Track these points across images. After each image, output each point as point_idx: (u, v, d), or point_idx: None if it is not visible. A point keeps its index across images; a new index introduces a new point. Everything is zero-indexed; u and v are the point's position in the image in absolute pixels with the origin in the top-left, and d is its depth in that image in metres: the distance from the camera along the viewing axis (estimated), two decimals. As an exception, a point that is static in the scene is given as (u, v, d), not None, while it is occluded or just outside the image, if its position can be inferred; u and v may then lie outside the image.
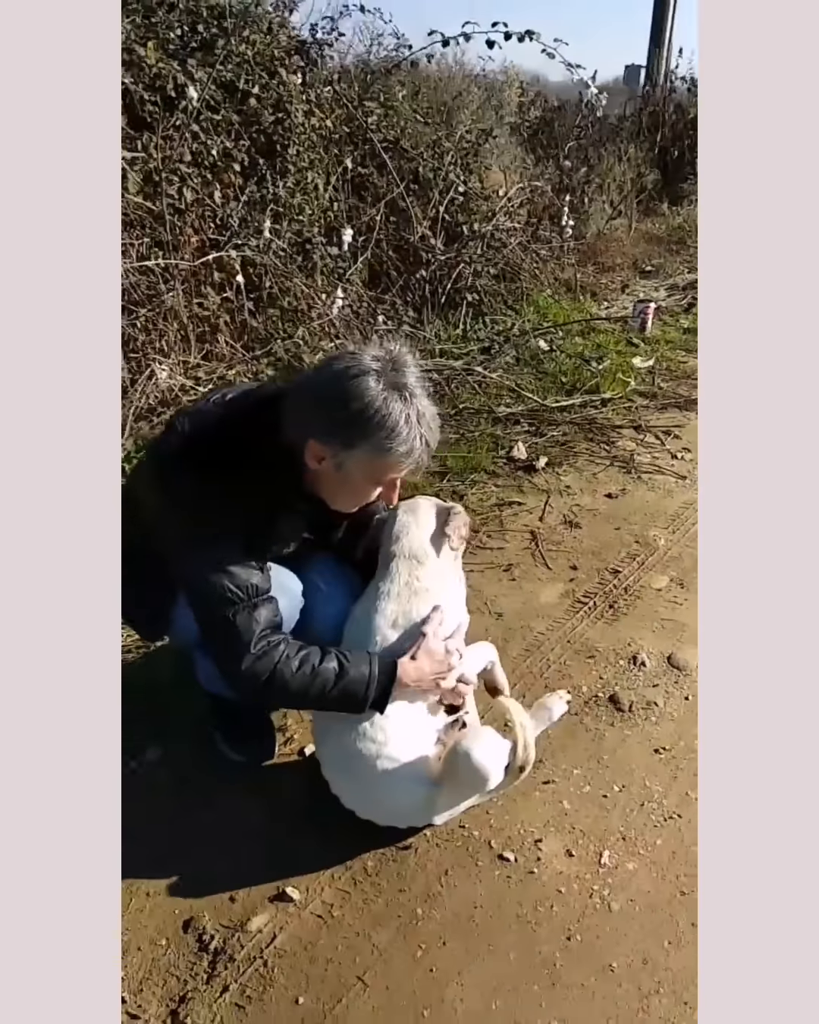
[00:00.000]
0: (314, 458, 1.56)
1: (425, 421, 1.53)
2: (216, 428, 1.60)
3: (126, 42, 3.72)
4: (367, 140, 4.65)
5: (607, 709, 2.19)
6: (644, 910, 1.65)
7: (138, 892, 1.69)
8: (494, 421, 3.88)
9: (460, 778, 1.68)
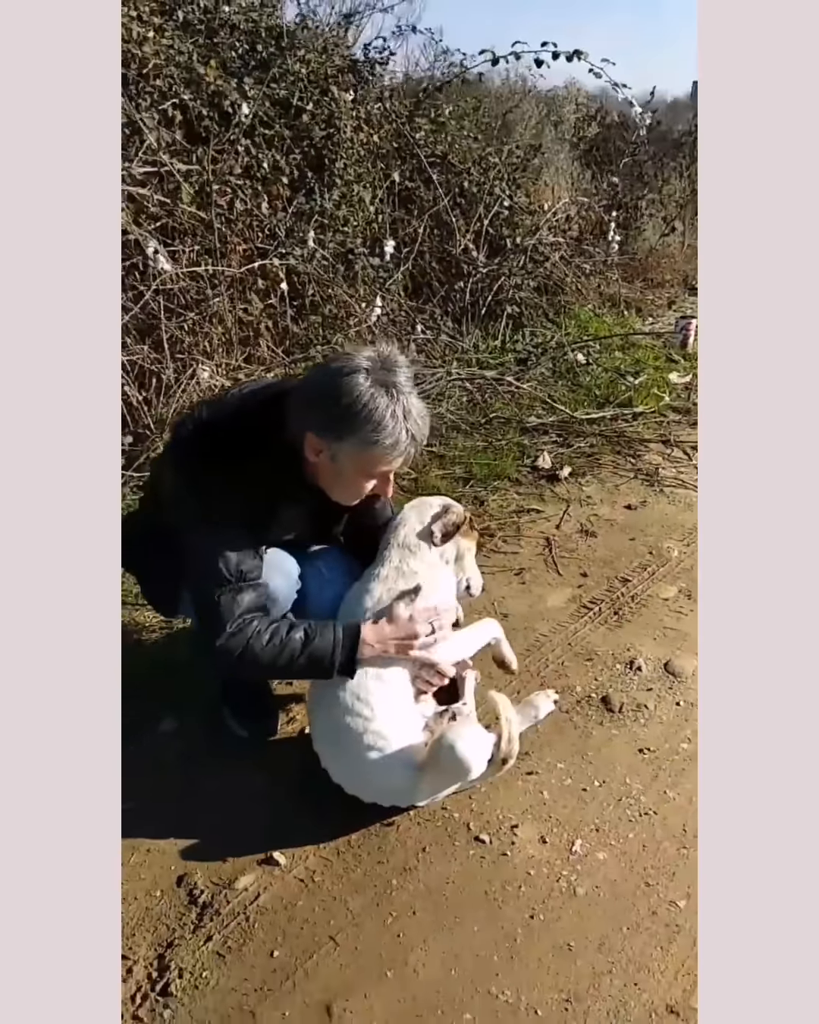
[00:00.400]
0: (312, 451, 1.69)
1: (411, 417, 1.64)
2: (230, 418, 1.75)
3: (188, 61, 3.92)
4: (414, 155, 4.79)
5: (598, 709, 2.28)
6: (608, 897, 1.74)
7: (139, 848, 1.83)
8: (523, 431, 3.99)
9: (442, 767, 1.79)
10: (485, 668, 2.14)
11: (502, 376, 4.31)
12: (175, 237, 3.78)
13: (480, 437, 3.90)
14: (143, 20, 3.84)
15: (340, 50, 4.70)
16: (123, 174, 3.47)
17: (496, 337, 5.00)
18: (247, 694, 2.17)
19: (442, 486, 3.42)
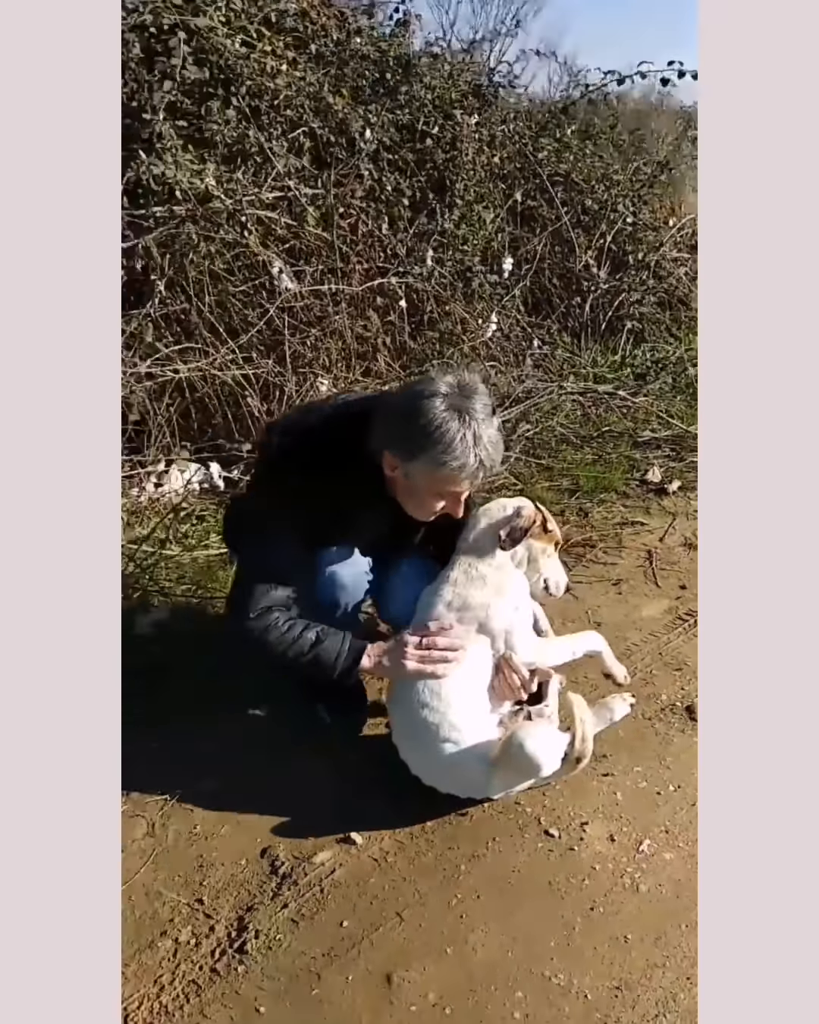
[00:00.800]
0: (389, 466, 1.83)
1: (482, 442, 1.74)
2: (320, 427, 1.92)
3: (318, 92, 4.15)
4: (537, 175, 4.89)
5: (681, 717, 2.30)
6: (669, 895, 1.77)
7: (229, 820, 1.99)
8: (635, 445, 4.00)
9: (512, 763, 1.87)
10: (573, 674, 2.20)
11: (615, 391, 4.32)
12: (301, 257, 4.00)
13: (591, 450, 3.95)
14: (277, 54, 4.09)
15: (465, 75, 4.84)
16: (253, 198, 3.72)
17: (616, 352, 5.01)
18: (338, 688, 2.29)
19: (548, 497, 3.49)
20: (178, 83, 3.51)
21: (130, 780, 2.04)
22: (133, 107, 3.48)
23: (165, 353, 3.38)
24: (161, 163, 3.29)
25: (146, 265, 3.40)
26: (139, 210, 3.40)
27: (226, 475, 3.23)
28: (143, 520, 2.97)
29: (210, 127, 3.63)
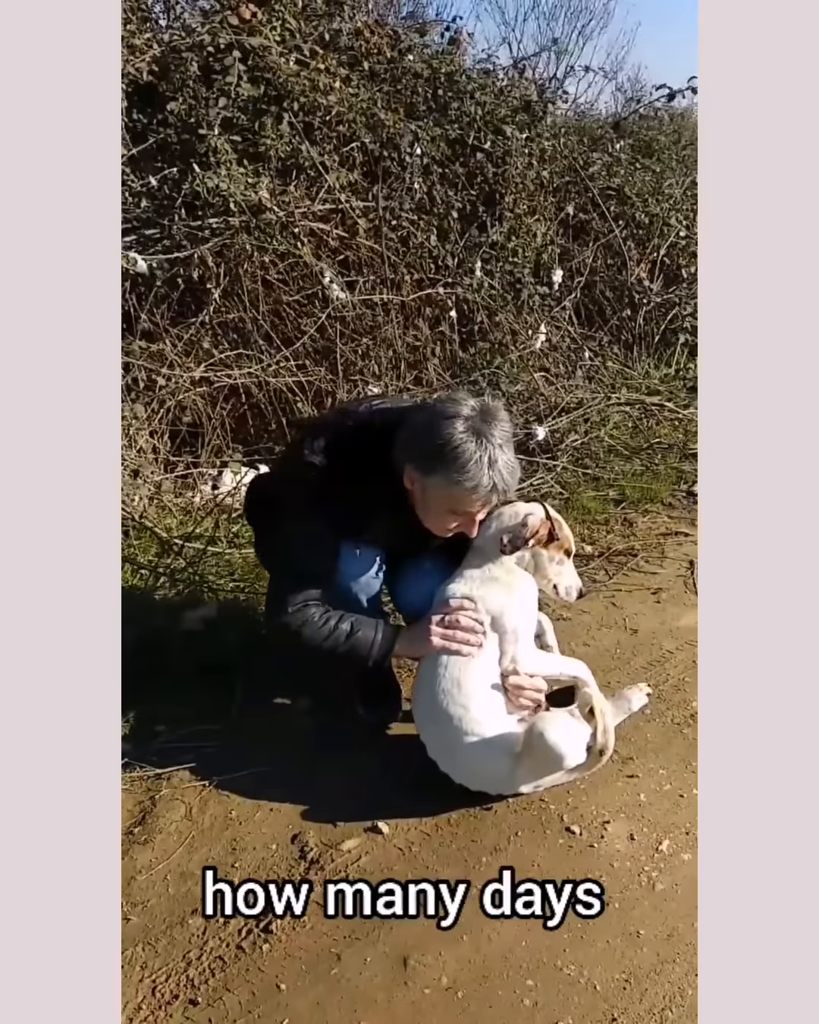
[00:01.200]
0: (409, 480, 1.93)
1: (497, 466, 1.83)
2: (354, 433, 2.02)
3: (371, 108, 4.28)
4: (588, 188, 4.95)
5: (710, 723, 2.33)
6: (685, 894, 1.81)
7: (263, 806, 2.08)
8: (684, 457, 4.03)
9: (535, 754, 1.93)
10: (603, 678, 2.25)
11: (663, 403, 4.35)
12: (352, 268, 4.12)
13: (640, 462, 3.98)
14: (330, 72, 4.22)
15: (516, 91, 4.94)
16: (305, 210, 3.85)
17: (670, 364, 5.04)
18: (376, 682, 2.38)
19: (593, 507, 3.54)
20: (233, 100, 3.65)
21: (173, 766, 2.17)
22: (190, 123, 3.64)
23: (220, 359, 3.51)
24: (216, 176, 3.43)
25: (203, 275, 3.54)
26: (195, 222, 3.55)
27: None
28: (195, 520, 3.09)
29: (264, 142, 3.77)
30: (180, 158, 3.60)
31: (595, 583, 3.01)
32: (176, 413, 3.33)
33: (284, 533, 2.03)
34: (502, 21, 12.98)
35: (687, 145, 6.27)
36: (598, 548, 3.25)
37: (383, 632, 2.03)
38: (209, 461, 3.34)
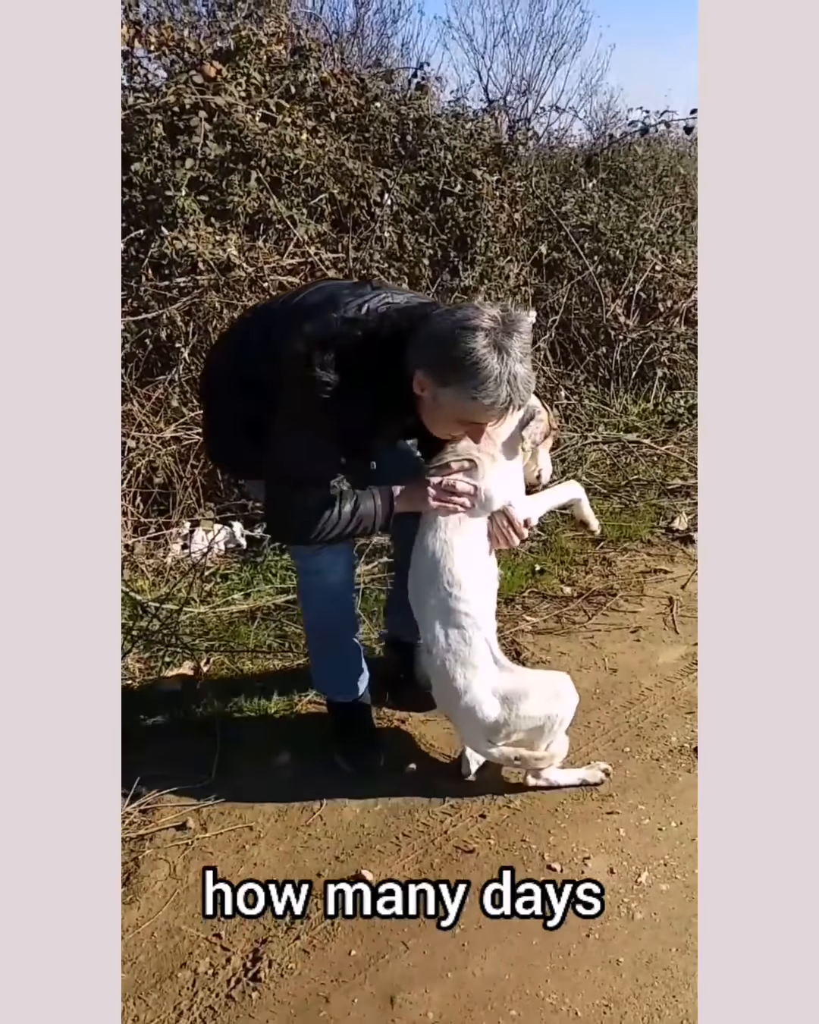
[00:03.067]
0: (418, 386, 2.01)
1: (515, 382, 1.91)
2: (363, 341, 2.06)
3: (339, 158, 4.54)
4: (560, 227, 5.22)
5: (689, 758, 2.49)
6: (663, 922, 1.97)
7: (248, 861, 2.22)
8: (663, 493, 4.23)
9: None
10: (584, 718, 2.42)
11: (640, 440, 4.57)
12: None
13: (618, 499, 4.18)
14: (297, 125, 4.49)
15: (486, 134, 5.23)
16: (274, 265, 4.08)
17: (648, 399, 5.26)
18: (355, 735, 2.54)
19: (572, 547, 3.73)
20: (199, 160, 3.90)
21: (155, 827, 2.32)
22: (157, 184, 3.88)
23: (190, 417, 3.71)
24: (183, 237, 3.66)
25: (171, 333, 3.75)
26: (163, 281, 3.77)
27: (249, 534, 3.53)
28: (168, 580, 3.26)
29: (232, 199, 4.01)
30: (146, 219, 3.83)
31: (574, 624, 3.19)
32: (146, 474, 3.50)
33: (279, 441, 2.11)
34: (470, 48, 13.44)
35: (663, 173, 6.55)
36: (577, 589, 3.43)
37: (382, 496, 2.19)
38: (180, 521, 3.51)
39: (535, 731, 2.25)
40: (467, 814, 2.31)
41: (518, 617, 3.23)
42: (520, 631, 3.15)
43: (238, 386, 2.26)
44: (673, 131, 6.85)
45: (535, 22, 13.44)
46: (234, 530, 3.50)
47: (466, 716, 2.26)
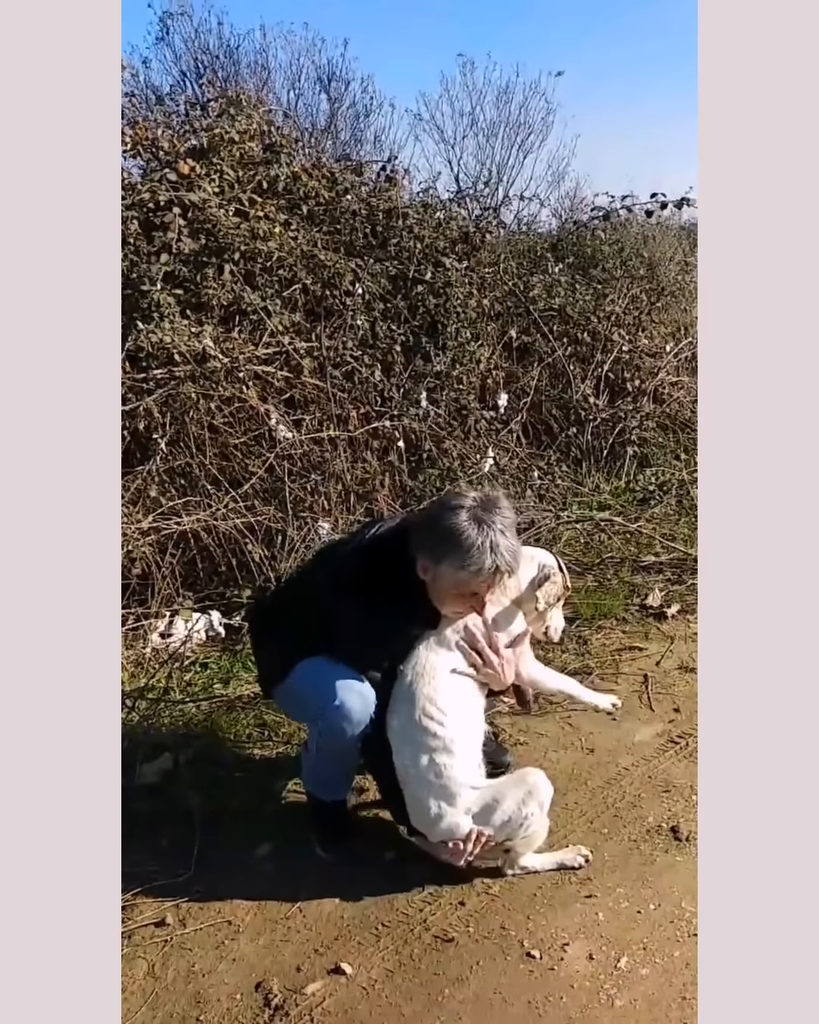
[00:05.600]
0: (422, 570, 2.23)
1: (498, 549, 2.14)
2: (369, 549, 2.34)
3: (311, 249, 4.71)
4: (529, 312, 5.41)
5: (666, 838, 2.52)
6: (643, 1007, 1.98)
7: (226, 957, 2.22)
8: (637, 569, 4.31)
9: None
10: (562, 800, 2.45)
11: (611, 518, 4.67)
12: (298, 406, 4.47)
13: (593, 577, 4.26)
14: (269, 218, 4.67)
15: (454, 223, 5.44)
16: (250, 355, 4.21)
17: (620, 476, 5.39)
18: (330, 822, 2.55)
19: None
20: (174, 255, 4.05)
21: (132, 922, 2.31)
22: (133, 279, 4.02)
23: (168, 507, 3.78)
24: (159, 331, 3.78)
25: (148, 424, 3.85)
26: (140, 374, 3.88)
27: (227, 622, 3.57)
28: (147, 671, 3.29)
29: (207, 292, 4.15)
30: (124, 312, 3.95)
31: (551, 704, 3.22)
32: (125, 564, 3.55)
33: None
34: (441, 139, 13.96)
35: (628, 256, 6.78)
36: (553, 668, 3.47)
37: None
38: (159, 612, 3.55)
39: (514, 829, 2.30)
40: (446, 902, 2.32)
41: (494, 699, 3.26)
42: (498, 712, 3.18)
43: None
44: (636, 215, 7.17)
45: (502, 113, 14.04)
46: (212, 619, 3.55)
47: (444, 837, 2.31)
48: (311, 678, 2.36)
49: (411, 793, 2.32)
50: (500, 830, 2.29)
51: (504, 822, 2.28)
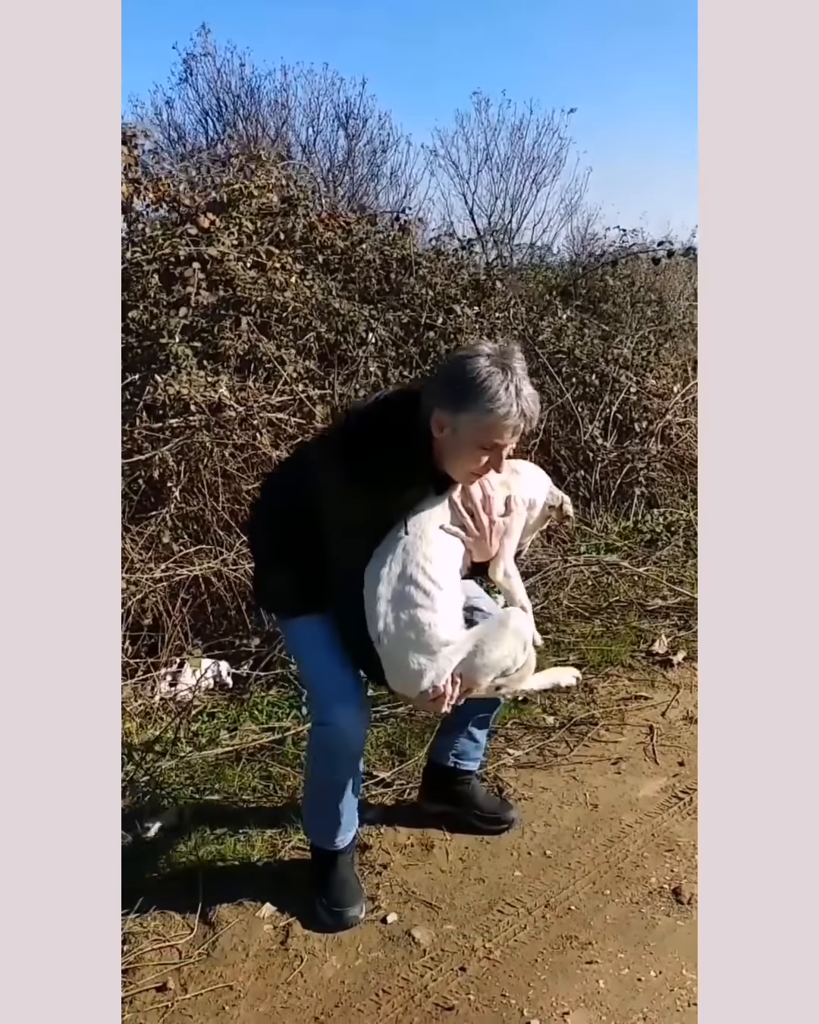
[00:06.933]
0: (438, 427, 2.12)
1: (523, 395, 2.06)
2: (373, 411, 2.26)
3: (326, 298, 4.74)
4: (538, 355, 5.41)
5: (667, 900, 2.49)
6: (642, 1083, 1.95)
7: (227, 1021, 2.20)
8: (644, 614, 4.28)
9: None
10: (565, 859, 2.42)
11: (618, 562, 4.64)
12: (312, 451, 4.47)
13: (600, 622, 4.23)
14: (285, 269, 4.70)
15: (465, 270, 5.46)
16: (264, 403, 4.22)
17: (628, 517, 5.36)
18: (336, 883, 2.51)
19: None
20: (192, 308, 4.07)
21: (134, 987, 2.29)
22: (152, 330, 4.05)
23: (182, 555, 3.78)
24: (176, 383, 3.80)
25: (163, 472, 3.86)
26: (157, 423, 3.89)
27: (235, 672, 3.56)
28: (154, 721, 3.27)
29: (223, 343, 4.17)
30: (142, 364, 3.98)
31: (556, 757, 3.20)
32: (136, 614, 3.55)
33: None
34: (456, 174, 14.12)
35: (638, 291, 6.78)
36: (559, 719, 3.44)
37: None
38: (169, 661, 3.54)
39: (500, 673, 2.27)
40: (447, 967, 2.29)
41: (501, 751, 3.24)
42: (503, 765, 3.15)
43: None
44: (643, 260, 7.19)
45: (516, 149, 14.22)
46: (220, 669, 3.53)
47: (425, 691, 2.22)
48: (313, 665, 2.36)
49: (389, 651, 2.22)
50: (486, 676, 2.24)
51: (489, 668, 2.23)
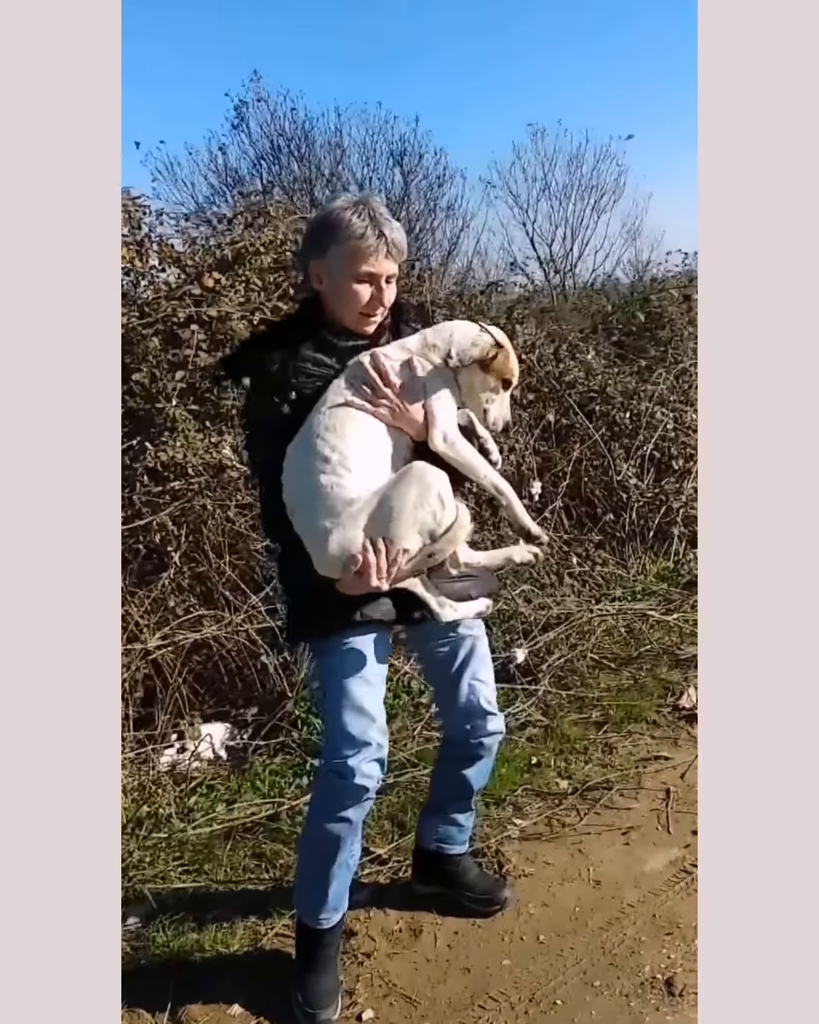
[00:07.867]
0: (316, 279, 2.15)
1: (378, 219, 2.07)
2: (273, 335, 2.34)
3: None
4: (565, 397, 5.25)
5: (659, 992, 2.27)
6: None
7: None
8: (674, 664, 4.04)
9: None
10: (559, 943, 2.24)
11: (645, 612, 4.41)
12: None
13: (628, 674, 4.01)
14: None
15: (486, 314, 5.35)
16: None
17: (668, 557, 5.12)
18: (314, 981, 2.35)
19: (573, 734, 3.55)
20: (190, 371, 4.04)
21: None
22: (152, 392, 4.02)
23: (184, 620, 3.70)
24: (169, 448, 3.75)
25: (163, 537, 3.80)
26: (158, 486, 3.84)
27: (230, 743, 3.45)
28: (150, 796, 3.16)
29: (225, 403, 4.12)
30: (140, 427, 3.95)
31: (564, 827, 3.00)
32: (135, 682, 3.46)
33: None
34: (515, 204, 14.09)
35: (673, 338, 6.54)
36: (573, 784, 3.24)
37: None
38: (165, 732, 3.42)
39: (424, 531, 2.04)
40: (418, 1072, 2.12)
41: (506, 820, 3.05)
42: (507, 837, 2.96)
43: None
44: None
45: (575, 177, 14.16)
46: (215, 741, 3.42)
47: (339, 554, 2.01)
48: (336, 699, 2.15)
49: (299, 522, 2.07)
50: (407, 534, 2.00)
51: (406, 525, 2.00)
